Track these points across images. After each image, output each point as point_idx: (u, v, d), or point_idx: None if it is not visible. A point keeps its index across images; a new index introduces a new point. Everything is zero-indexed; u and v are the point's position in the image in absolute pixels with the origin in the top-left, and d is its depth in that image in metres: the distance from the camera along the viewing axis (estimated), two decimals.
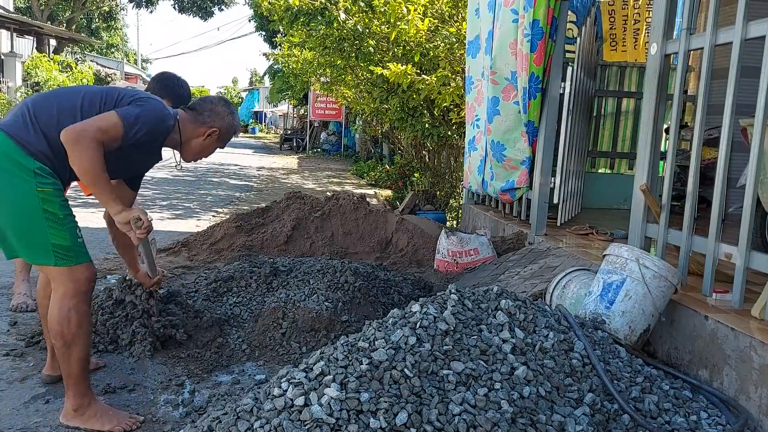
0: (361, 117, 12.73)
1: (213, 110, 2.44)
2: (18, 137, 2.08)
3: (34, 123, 2.11)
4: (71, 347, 2.15)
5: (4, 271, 4.21)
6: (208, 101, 2.48)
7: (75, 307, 2.14)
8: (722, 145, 2.52)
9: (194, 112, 2.43)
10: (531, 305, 2.23)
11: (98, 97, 2.21)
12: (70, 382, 2.17)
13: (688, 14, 2.74)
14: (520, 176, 4.35)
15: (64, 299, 2.14)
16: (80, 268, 2.16)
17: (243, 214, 5.27)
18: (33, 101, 2.19)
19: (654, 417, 2.02)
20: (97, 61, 26.32)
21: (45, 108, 2.15)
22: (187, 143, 2.43)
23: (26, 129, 2.10)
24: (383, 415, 1.64)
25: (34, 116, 2.12)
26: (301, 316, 3.05)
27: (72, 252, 2.14)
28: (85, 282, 2.17)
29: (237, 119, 2.55)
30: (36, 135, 2.10)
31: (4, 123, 2.12)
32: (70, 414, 2.20)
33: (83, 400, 2.19)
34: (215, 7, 25.11)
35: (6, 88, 15.41)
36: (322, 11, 7.32)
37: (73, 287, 2.14)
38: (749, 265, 2.38)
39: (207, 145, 2.47)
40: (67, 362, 2.16)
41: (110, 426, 2.17)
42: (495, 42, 4.34)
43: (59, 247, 2.11)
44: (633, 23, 6.57)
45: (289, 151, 22.79)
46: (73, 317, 2.13)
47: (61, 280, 2.14)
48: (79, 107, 2.16)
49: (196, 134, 2.42)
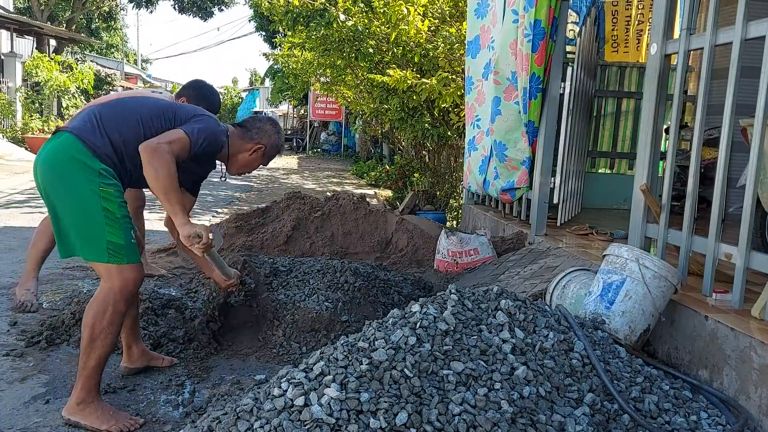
0: (361, 117, 12.73)
1: (261, 128, 2.62)
2: (86, 140, 2.23)
3: (101, 128, 2.28)
4: (96, 341, 2.21)
5: (4, 271, 4.21)
6: (258, 120, 2.66)
7: (115, 304, 2.23)
8: (722, 145, 2.52)
9: (243, 129, 2.61)
10: (531, 305, 2.23)
11: (160, 112, 2.38)
12: (83, 374, 2.21)
13: (688, 14, 2.74)
14: (520, 176, 4.35)
15: (108, 294, 2.22)
16: (129, 268, 2.26)
17: (243, 214, 5.26)
18: (101, 108, 2.35)
19: (654, 417, 2.02)
20: (97, 61, 26.30)
21: (112, 116, 2.32)
22: (234, 157, 2.60)
23: (93, 133, 2.26)
24: (383, 415, 1.63)
25: (101, 122, 2.29)
26: (301, 316, 3.05)
27: (124, 251, 2.24)
28: (132, 282, 2.27)
29: (282, 139, 2.74)
30: (102, 139, 2.26)
31: (73, 126, 2.28)
32: (73, 407, 2.22)
33: (88, 395, 2.22)
34: (215, 7, 25.07)
35: (6, 88, 15.39)
36: (321, 12, 7.32)
37: (120, 285, 2.23)
38: (749, 265, 2.38)
39: (252, 160, 2.64)
40: (87, 355, 2.21)
41: (107, 425, 2.18)
42: (497, 42, 4.34)
43: (113, 245, 2.21)
44: (637, 23, 6.57)
45: (289, 151, 22.79)
46: (108, 313, 2.21)
47: (109, 277, 2.23)
48: (142, 119, 2.33)
49: (244, 149, 2.60)
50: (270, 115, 25.57)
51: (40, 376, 2.61)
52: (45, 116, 15.60)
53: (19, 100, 15.29)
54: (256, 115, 2.73)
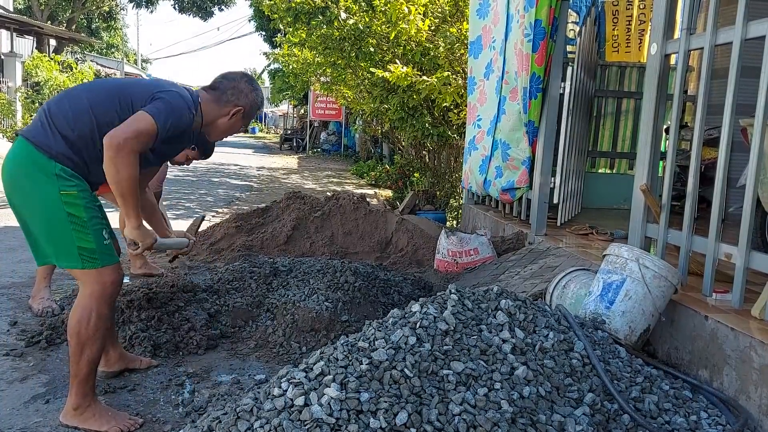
0: (361, 117, 12.73)
1: (236, 88, 2.41)
2: (37, 142, 2.10)
3: (51, 126, 2.12)
4: (84, 348, 2.16)
5: (4, 271, 4.21)
6: (230, 79, 2.44)
7: (97, 309, 2.17)
8: (722, 145, 2.52)
9: (217, 92, 2.40)
10: (531, 305, 2.23)
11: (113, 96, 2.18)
12: (76, 381, 2.19)
13: (688, 14, 2.74)
14: (520, 176, 4.35)
15: (89, 300, 2.16)
16: (106, 271, 2.18)
17: (243, 214, 5.26)
18: (49, 105, 2.20)
19: (654, 417, 2.02)
20: (97, 61, 26.30)
21: (60, 110, 2.15)
22: (212, 124, 2.42)
23: (44, 132, 2.12)
24: (383, 415, 1.63)
25: (51, 119, 2.14)
26: (301, 316, 3.05)
27: (97, 254, 2.15)
28: (111, 285, 2.20)
29: (261, 94, 2.52)
30: (54, 137, 2.11)
31: (24, 130, 2.16)
32: (70, 413, 2.20)
33: (84, 400, 2.20)
34: (215, 7, 25.09)
35: (6, 88, 15.38)
36: (323, 10, 7.33)
37: (99, 289, 2.17)
38: (749, 265, 2.38)
39: (232, 124, 2.45)
40: (77, 362, 2.17)
41: (107, 427, 2.17)
42: (507, 43, 4.35)
43: (84, 250, 2.13)
44: (638, 23, 6.56)
45: (289, 151, 22.80)
46: (92, 319, 2.16)
47: (87, 282, 2.17)
48: (92, 108, 2.15)
49: (221, 114, 2.40)
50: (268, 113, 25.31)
51: (40, 376, 2.61)
52: None
53: (19, 99, 15.27)
54: (227, 73, 2.49)
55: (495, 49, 4.64)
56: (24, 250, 4.83)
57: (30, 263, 4.33)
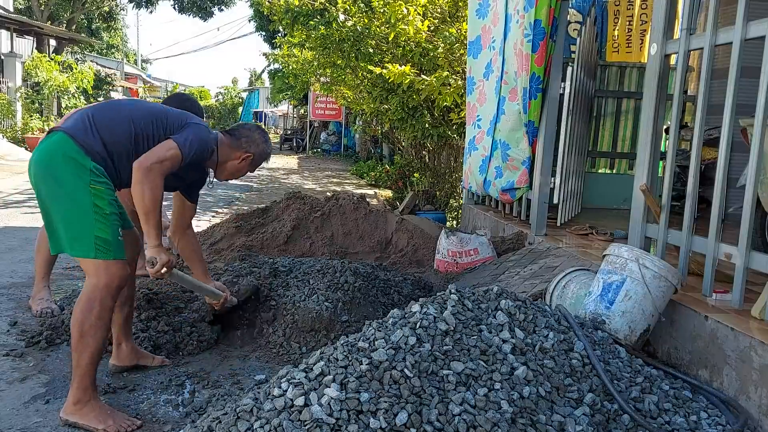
0: (361, 117, 12.73)
1: (250, 137, 2.68)
2: (78, 138, 2.27)
3: (93, 128, 2.32)
4: (86, 338, 2.21)
5: (4, 271, 4.21)
6: (246, 128, 2.73)
7: (102, 299, 2.24)
8: (722, 145, 2.52)
9: (232, 138, 2.67)
10: (531, 305, 2.23)
11: (153, 116, 2.43)
12: (77, 373, 2.22)
13: (688, 14, 2.74)
14: (520, 176, 4.35)
15: (94, 290, 2.24)
16: (116, 264, 2.28)
17: (243, 214, 5.26)
18: (93, 110, 2.41)
19: (654, 417, 2.02)
20: (97, 62, 26.30)
21: (104, 117, 2.37)
22: (223, 164, 2.67)
23: (85, 131, 2.30)
24: (383, 416, 1.63)
25: (93, 122, 2.34)
26: (301, 316, 3.05)
27: (111, 246, 2.27)
28: (118, 278, 2.28)
29: (270, 147, 2.80)
30: (94, 138, 2.30)
31: (66, 126, 2.32)
32: (70, 408, 2.22)
33: (84, 395, 2.22)
34: (215, 7, 25.06)
35: (6, 88, 15.37)
36: (322, 12, 7.33)
37: (106, 281, 2.25)
38: (749, 265, 2.38)
39: (240, 168, 2.71)
40: (79, 354, 2.22)
41: (104, 425, 2.18)
42: (507, 43, 4.35)
43: (100, 240, 2.24)
44: (640, 23, 6.55)
45: (289, 151, 22.80)
46: (96, 309, 2.22)
47: (95, 272, 2.25)
48: (134, 122, 2.38)
49: (232, 157, 2.66)
50: (269, 113, 25.41)
51: (40, 376, 2.61)
52: (45, 116, 15.59)
53: (19, 99, 15.27)
54: (245, 123, 2.82)
55: (494, 49, 4.64)
56: (24, 250, 4.84)
57: (29, 263, 4.34)
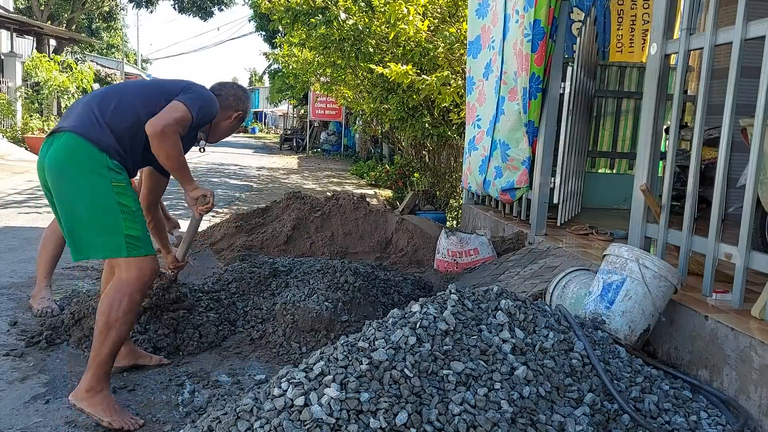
0: (361, 117, 12.73)
1: (237, 95, 2.66)
2: (90, 136, 2.23)
3: (100, 120, 2.27)
4: (111, 330, 2.22)
5: (4, 271, 4.21)
6: (229, 87, 2.69)
7: (131, 294, 2.25)
8: (722, 145, 2.52)
9: (220, 97, 2.61)
10: (531, 305, 2.23)
11: (150, 92, 2.40)
12: (95, 362, 2.22)
13: (688, 14, 2.74)
14: (520, 176, 4.35)
15: (125, 284, 2.25)
16: (147, 259, 2.29)
17: (243, 214, 5.26)
18: (90, 104, 2.34)
19: (654, 417, 2.02)
20: (97, 61, 26.28)
21: (106, 106, 2.31)
22: (216, 125, 2.65)
23: (94, 127, 2.26)
24: (383, 415, 1.63)
25: (98, 114, 2.28)
26: (301, 316, 3.05)
27: (142, 243, 2.28)
28: (148, 273, 2.29)
29: (251, 101, 2.82)
30: (104, 132, 2.26)
31: (73, 125, 2.26)
32: (81, 394, 2.22)
33: (98, 384, 2.23)
34: (215, 7, 25.06)
35: (6, 88, 15.37)
36: (322, 10, 7.33)
37: (137, 275, 2.26)
38: (749, 265, 2.38)
39: (233, 127, 2.72)
40: (101, 343, 2.22)
41: (110, 419, 2.19)
42: (506, 43, 4.35)
43: (132, 238, 2.25)
44: (642, 23, 6.53)
45: (289, 151, 22.80)
46: (125, 302, 2.23)
47: (126, 268, 2.25)
48: (136, 103, 2.34)
49: (225, 117, 2.65)
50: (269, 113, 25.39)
51: (40, 376, 2.61)
52: (45, 116, 15.59)
53: (19, 100, 15.27)
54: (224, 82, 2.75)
55: (494, 49, 4.64)
56: (24, 250, 4.84)
57: (30, 263, 4.34)
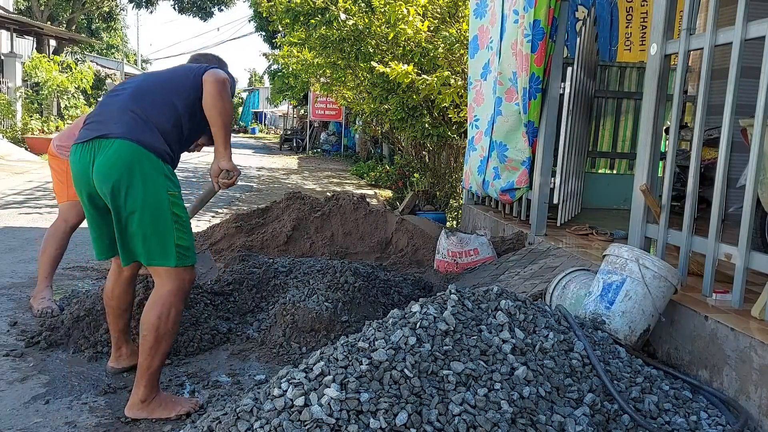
0: (361, 117, 12.73)
1: (221, 63, 2.61)
2: (145, 142, 2.18)
3: (149, 122, 2.21)
4: (161, 342, 2.23)
5: (4, 271, 4.21)
6: (213, 58, 2.65)
7: (176, 304, 2.25)
8: (722, 145, 2.52)
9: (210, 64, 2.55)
10: (531, 305, 2.23)
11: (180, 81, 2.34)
12: (148, 373, 2.23)
13: (688, 14, 2.74)
14: (520, 176, 4.35)
15: (168, 296, 2.23)
16: (189, 269, 2.30)
17: (243, 215, 5.26)
18: (131, 103, 2.24)
19: (654, 417, 2.02)
20: (97, 62, 26.28)
21: (149, 106, 2.24)
22: None
23: (145, 131, 2.19)
24: (383, 416, 1.63)
25: (144, 116, 2.22)
26: (301, 317, 3.05)
27: (190, 252, 2.28)
28: (189, 282, 2.30)
29: None
30: (154, 135, 2.21)
31: (123, 132, 2.16)
32: (137, 406, 2.24)
33: (152, 392, 2.26)
34: (215, 7, 25.08)
35: (6, 88, 15.37)
36: (322, 11, 7.33)
37: (179, 286, 2.25)
38: (749, 265, 2.38)
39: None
40: (152, 355, 2.22)
41: (176, 411, 2.24)
42: (503, 43, 4.35)
43: (182, 248, 2.23)
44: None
45: (289, 151, 22.79)
46: (172, 314, 2.24)
47: (168, 278, 2.24)
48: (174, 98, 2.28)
49: None
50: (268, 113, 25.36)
51: (40, 376, 2.61)
52: (45, 116, 15.58)
53: (19, 100, 15.26)
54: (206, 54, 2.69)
55: (492, 49, 4.64)
56: (24, 250, 4.84)
57: (29, 263, 4.34)
